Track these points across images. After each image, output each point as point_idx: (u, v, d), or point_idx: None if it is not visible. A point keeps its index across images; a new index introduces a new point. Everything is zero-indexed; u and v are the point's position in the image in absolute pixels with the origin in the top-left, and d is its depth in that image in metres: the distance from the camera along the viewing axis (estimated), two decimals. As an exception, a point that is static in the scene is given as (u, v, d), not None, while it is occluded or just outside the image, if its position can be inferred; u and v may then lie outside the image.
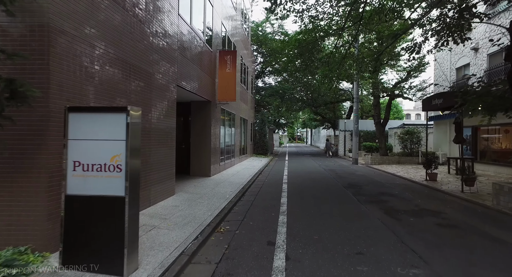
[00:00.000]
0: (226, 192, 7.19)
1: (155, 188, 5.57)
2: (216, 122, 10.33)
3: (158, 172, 5.68)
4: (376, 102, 16.24)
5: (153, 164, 5.47)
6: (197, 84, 8.10)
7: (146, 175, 5.21)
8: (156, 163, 5.58)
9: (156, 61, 5.55)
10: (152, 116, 5.42)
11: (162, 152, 5.89)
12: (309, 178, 10.50)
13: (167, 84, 6.08)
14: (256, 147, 20.90)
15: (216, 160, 10.34)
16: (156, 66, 5.57)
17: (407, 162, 15.53)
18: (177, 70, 6.61)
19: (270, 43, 21.77)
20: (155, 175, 5.55)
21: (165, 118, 6.01)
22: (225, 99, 10.07)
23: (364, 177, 10.73)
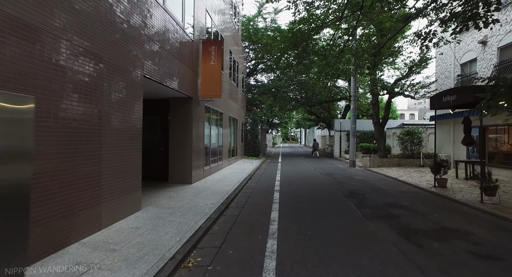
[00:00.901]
0: (206, 205, 6.02)
1: (110, 204, 4.38)
2: (200, 121, 9.15)
3: (114, 183, 4.48)
4: (375, 101, 15.24)
5: (106, 173, 4.28)
6: (173, 77, 6.92)
7: (94, 188, 4.01)
8: (110, 172, 4.38)
9: (110, 42, 4.36)
10: (104, 112, 4.22)
11: (121, 158, 4.70)
12: (304, 184, 9.39)
13: (127, 73, 4.88)
14: (247, 148, 19.76)
15: (200, 164, 9.17)
16: (110, 49, 4.38)
17: (408, 165, 14.56)
18: (144, 56, 5.42)
19: (262, 38, 20.63)
20: (109, 187, 4.35)
21: (125, 115, 4.82)
22: (209, 96, 8.90)
23: (365, 183, 9.67)
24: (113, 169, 4.44)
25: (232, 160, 15.00)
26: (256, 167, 14.08)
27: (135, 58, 5.07)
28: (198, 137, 8.90)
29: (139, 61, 5.23)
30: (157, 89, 7.03)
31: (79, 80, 3.73)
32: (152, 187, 7.70)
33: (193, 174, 8.48)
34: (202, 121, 9.43)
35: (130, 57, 4.92)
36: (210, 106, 10.41)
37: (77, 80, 3.70)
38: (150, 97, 8.45)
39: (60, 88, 3.40)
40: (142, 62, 5.35)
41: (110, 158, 4.38)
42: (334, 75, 12.68)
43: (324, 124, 28.00)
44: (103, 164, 4.19)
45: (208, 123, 10.37)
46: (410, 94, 13.81)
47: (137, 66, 5.17)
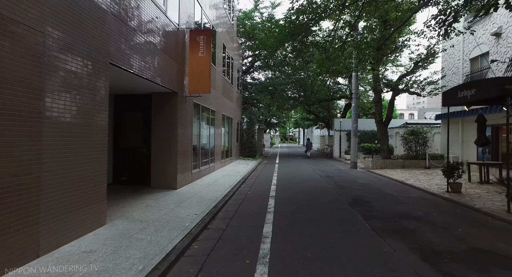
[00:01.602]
0: (188, 216, 5.12)
1: (54, 222, 3.47)
2: (187, 119, 8.25)
3: (62, 195, 3.57)
4: (377, 99, 14.37)
5: (49, 184, 3.37)
6: (153, 68, 6.02)
7: (27, 204, 3.10)
8: (57, 181, 3.48)
9: (55, 12, 3.46)
10: (47, 102, 3.32)
11: (76, 163, 3.79)
12: (302, 189, 8.50)
13: (83, 55, 3.98)
14: (243, 149, 18.87)
15: (187, 167, 8.26)
16: (55, 21, 3.47)
17: (412, 166, 13.70)
18: (109, 38, 4.51)
19: (257, 31, 19.75)
20: (53, 201, 3.44)
21: (81, 108, 3.92)
22: (197, 91, 8.00)
23: (370, 188, 8.79)
24: (61, 178, 3.53)
25: (226, 162, 14.10)
26: (252, 169, 13.19)
27: (95, 38, 4.16)
28: (185, 136, 8.00)
29: (102, 44, 4.32)
30: (135, 82, 6.13)
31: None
32: (130, 193, 6.79)
33: (179, 178, 7.57)
34: (190, 119, 8.53)
35: (88, 36, 4.01)
36: (200, 103, 9.51)
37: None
38: (131, 91, 7.54)
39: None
40: (107, 45, 4.44)
41: (57, 163, 3.47)
42: (334, 71, 11.82)
43: (323, 124, 27.14)
44: (44, 171, 3.28)
45: (197, 122, 9.48)
46: (416, 91, 12.94)
47: (100, 49, 4.26)
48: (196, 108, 9.30)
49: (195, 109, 9.19)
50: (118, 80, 6.04)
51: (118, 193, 6.83)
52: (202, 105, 9.74)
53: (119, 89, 7.28)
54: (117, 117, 8.06)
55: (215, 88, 11.57)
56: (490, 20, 10.56)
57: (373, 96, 14.72)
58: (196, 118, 9.44)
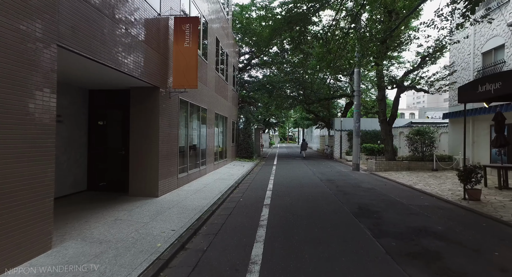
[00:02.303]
0: (162, 233, 4.25)
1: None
2: (172, 117, 7.37)
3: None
4: (381, 96, 13.50)
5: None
6: (127, 58, 5.13)
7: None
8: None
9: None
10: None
11: (3, 173, 2.91)
12: (301, 195, 7.62)
13: (14, 32, 3.10)
14: (239, 150, 17.99)
15: (172, 171, 7.38)
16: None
17: (419, 168, 12.83)
18: (58, 17, 3.63)
19: (256, 28, 18.90)
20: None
21: (8, 101, 3.03)
22: (183, 86, 7.11)
23: (375, 193, 7.92)
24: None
25: (220, 163, 13.22)
26: (247, 171, 12.32)
27: (34, 14, 3.28)
28: (169, 137, 7.12)
29: (47, 22, 3.44)
30: (108, 75, 5.25)
31: None
32: (102, 203, 5.90)
33: (161, 184, 6.69)
34: (176, 117, 7.65)
35: (24, 10, 3.12)
36: (189, 100, 8.63)
37: None
38: (108, 86, 6.65)
39: None
40: (55, 23, 3.55)
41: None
42: (336, 66, 10.95)
43: (323, 123, 26.28)
44: None
45: (186, 121, 8.60)
46: (423, 88, 12.05)
47: (44, 29, 3.37)
48: (183, 106, 8.42)
49: (182, 106, 8.31)
50: (85, 72, 5.16)
51: (89, 202, 5.95)
52: (191, 103, 8.85)
53: (94, 83, 6.40)
54: (93, 115, 7.17)
55: (207, 85, 10.69)
56: (506, 9, 9.69)
57: (376, 94, 13.84)
58: (184, 116, 8.56)
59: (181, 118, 8.33)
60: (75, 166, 6.60)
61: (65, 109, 6.30)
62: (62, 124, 6.16)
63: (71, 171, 6.48)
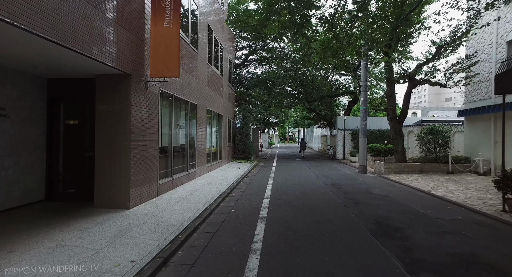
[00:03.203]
0: (115, 268, 3.06)
1: None
2: (151, 113, 6.18)
3: None
4: (390, 92, 12.31)
5: None
6: (86, 34, 3.94)
7: None
8: None
9: None
10: None
11: None
12: (304, 205, 6.43)
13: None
14: (236, 150, 16.79)
15: (150, 177, 6.19)
16: None
17: (432, 171, 11.64)
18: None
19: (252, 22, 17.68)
20: None
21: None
22: (162, 74, 5.92)
23: (391, 202, 6.73)
24: None
25: (214, 165, 12.03)
26: (243, 174, 11.13)
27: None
28: (146, 136, 5.93)
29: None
30: (61, 56, 4.06)
31: None
32: (53, 219, 4.69)
33: (134, 194, 5.49)
34: (156, 113, 6.46)
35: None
36: (174, 93, 7.44)
37: None
38: (70, 73, 5.45)
39: None
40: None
41: None
42: (341, 58, 9.77)
43: (325, 122, 25.07)
44: None
45: (169, 117, 7.41)
46: (440, 82, 10.83)
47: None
48: (167, 100, 7.23)
49: (165, 100, 7.13)
50: (32, 53, 3.97)
51: (36, 217, 4.74)
52: (176, 96, 7.66)
53: (51, 70, 5.20)
54: (55, 109, 5.98)
55: (197, 78, 9.51)
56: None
57: (384, 90, 12.64)
58: (168, 112, 7.38)
59: (164, 114, 7.14)
60: (27, 172, 5.40)
61: (13, 101, 5.10)
62: (6, 119, 4.96)
63: (21, 179, 5.27)
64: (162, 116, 7.04)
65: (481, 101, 11.04)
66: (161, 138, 7.09)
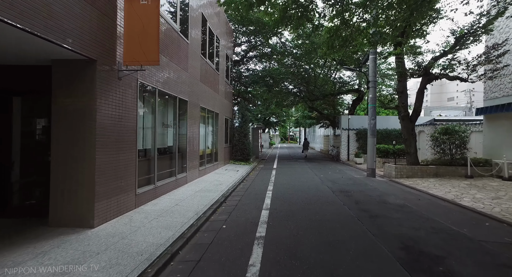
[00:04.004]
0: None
1: None
2: (126, 108, 5.14)
3: None
4: (402, 88, 11.23)
5: None
6: (37, 7, 2.90)
7: None
8: None
9: None
10: None
11: None
12: (310, 219, 5.35)
13: None
14: (234, 151, 15.74)
15: (125, 186, 5.14)
16: None
17: (449, 175, 10.57)
18: None
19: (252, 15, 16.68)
20: None
21: None
22: (138, 61, 4.87)
23: (414, 215, 5.66)
24: None
25: (209, 168, 10.97)
26: (241, 178, 10.08)
27: None
28: (120, 136, 4.89)
29: None
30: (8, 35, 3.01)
31: None
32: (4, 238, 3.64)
33: (101, 207, 4.44)
34: (134, 109, 5.41)
35: None
36: (158, 87, 6.38)
37: None
38: (18, 60, 4.39)
39: None
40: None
41: None
42: (350, 49, 8.72)
43: (327, 122, 23.99)
44: None
45: (152, 114, 6.36)
46: (460, 76, 9.72)
47: None
48: (149, 94, 6.18)
49: (147, 95, 6.08)
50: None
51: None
52: (161, 91, 6.61)
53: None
54: (7, 104, 4.92)
55: (188, 71, 8.46)
56: None
57: (397, 85, 11.57)
58: (151, 108, 6.33)
59: (146, 111, 6.10)
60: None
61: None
62: None
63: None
64: (144, 114, 6.00)
65: (504, 97, 9.97)
66: (144, 138, 6.06)
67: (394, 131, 19.09)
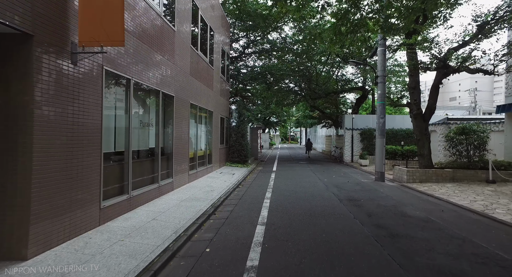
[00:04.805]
0: None
1: None
2: (86, 101, 4.08)
3: None
4: (414, 83, 10.16)
5: None
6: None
7: None
8: None
9: None
10: None
11: None
12: (315, 241, 4.28)
13: None
14: (231, 152, 14.67)
15: (83, 199, 4.09)
16: None
17: (467, 179, 9.50)
18: None
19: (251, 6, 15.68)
20: None
21: None
22: (97, 40, 3.81)
23: (444, 234, 4.60)
24: None
25: (201, 172, 9.92)
26: (236, 183, 9.03)
27: None
28: (74, 136, 3.83)
29: None
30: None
31: None
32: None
33: (41, 231, 3.38)
34: (97, 102, 4.35)
35: None
36: (132, 77, 5.33)
37: None
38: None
39: None
40: None
41: None
42: (360, 39, 7.67)
43: (330, 121, 22.91)
44: None
45: (126, 110, 5.31)
46: (484, 68, 8.61)
47: None
48: (121, 85, 5.13)
49: (116, 86, 5.03)
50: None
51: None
52: (137, 82, 5.56)
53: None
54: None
55: (174, 61, 7.41)
56: None
57: (409, 80, 10.50)
58: (124, 103, 5.28)
59: (118, 105, 5.05)
60: None
61: None
62: None
63: None
64: (115, 110, 4.96)
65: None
66: (116, 139, 5.02)
67: (401, 131, 18.01)
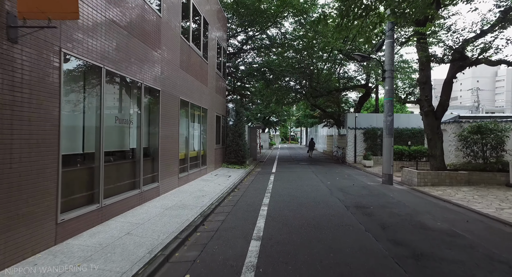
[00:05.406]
0: None
1: None
2: (36, 90, 3.27)
3: None
4: (425, 78, 9.33)
5: None
6: None
7: None
8: None
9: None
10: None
11: None
12: (321, 263, 3.45)
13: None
14: (227, 153, 13.84)
15: (37, 212, 3.27)
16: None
17: (484, 182, 8.69)
18: None
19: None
20: None
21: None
22: (44, 13, 3.00)
23: (479, 254, 3.78)
24: None
25: (193, 174, 9.09)
26: (232, 186, 8.21)
27: None
28: (15, 135, 3.02)
29: None
30: None
31: None
32: None
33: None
34: (54, 92, 3.54)
35: None
36: (104, 65, 4.51)
37: None
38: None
39: None
40: None
41: None
42: (364, 29, 6.86)
43: (331, 120, 22.08)
44: None
45: (97, 104, 4.49)
46: (507, 59, 7.75)
47: None
48: (89, 75, 4.32)
49: (82, 74, 4.21)
50: None
51: None
52: (110, 71, 4.73)
53: None
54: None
55: (158, 51, 6.59)
56: None
57: (419, 74, 9.68)
58: (95, 96, 4.47)
59: (89, 98, 4.24)
60: None
61: None
62: None
63: None
64: (84, 102, 4.16)
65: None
66: (85, 138, 4.21)
67: (406, 130, 17.20)
